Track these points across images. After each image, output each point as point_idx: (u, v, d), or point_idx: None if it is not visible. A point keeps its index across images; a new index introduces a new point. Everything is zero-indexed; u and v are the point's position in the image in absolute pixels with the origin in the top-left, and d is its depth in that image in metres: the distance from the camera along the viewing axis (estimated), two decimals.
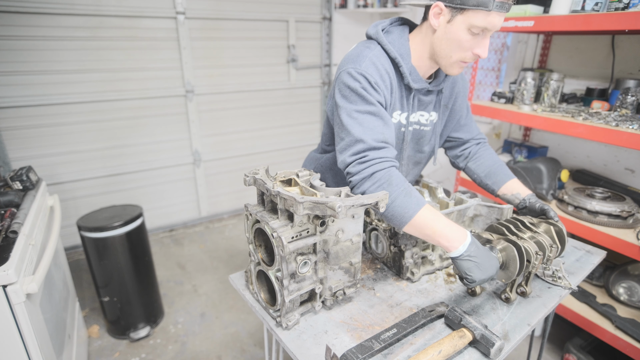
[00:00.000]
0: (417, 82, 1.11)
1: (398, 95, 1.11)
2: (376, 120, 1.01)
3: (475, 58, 1.03)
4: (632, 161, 1.96)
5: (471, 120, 1.36)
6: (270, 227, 0.86)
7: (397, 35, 1.10)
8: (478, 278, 0.90)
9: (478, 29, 0.95)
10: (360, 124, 1.00)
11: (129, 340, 2.09)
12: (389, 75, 1.06)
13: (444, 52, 1.02)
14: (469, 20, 0.94)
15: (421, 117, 1.21)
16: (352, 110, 1.01)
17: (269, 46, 3.26)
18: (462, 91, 1.29)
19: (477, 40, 0.98)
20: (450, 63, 1.04)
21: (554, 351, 2.03)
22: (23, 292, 1.13)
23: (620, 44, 1.93)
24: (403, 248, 1.09)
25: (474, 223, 1.20)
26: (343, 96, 1.04)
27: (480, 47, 1.00)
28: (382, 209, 0.87)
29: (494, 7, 0.91)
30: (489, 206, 1.15)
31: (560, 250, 1.03)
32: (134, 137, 2.91)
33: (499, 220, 1.12)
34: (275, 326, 0.94)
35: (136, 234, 1.95)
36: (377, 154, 0.98)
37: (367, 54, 1.05)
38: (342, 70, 1.04)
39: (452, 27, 0.97)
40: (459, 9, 0.94)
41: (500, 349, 0.84)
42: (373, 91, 1.02)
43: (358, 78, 1.01)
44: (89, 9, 2.49)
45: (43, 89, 2.51)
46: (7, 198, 1.43)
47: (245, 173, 0.96)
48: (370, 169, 0.97)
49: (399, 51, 1.08)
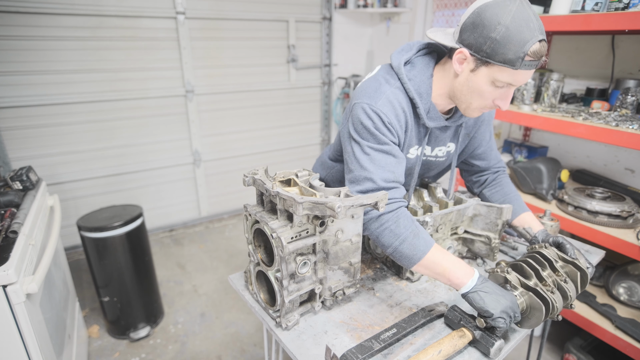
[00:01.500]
0: (433, 121, 1.06)
1: (415, 132, 1.08)
2: (389, 158, 0.99)
3: (495, 107, 0.99)
4: (632, 161, 1.96)
5: (491, 149, 1.30)
6: (269, 228, 0.86)
7: (420, 70, 1.03)
8: (497, 309, 0.84)
9: (502, 84, 0.91)
10: (371, 161, 0.98)
11: (129, 340, 2.09)
12: (405, 115, 1.02)
13: (464, 98, 0.98)
14: (494, 74, 0.89)
15: (439, 151, 1.18)
16: (365, 146, 0.99)
17: (269, 46, 3.26)
18: (487, 119, 1.24)
19: (500, 92, 0.93)
20: (470, 109, 1.00)
21: (554, 351, 2.03)
22: (23, 292, 1.13)
23: (620, 44, 1.93)
24: None
25: (473, 222, 1.20)
26: (356, 131, 1.01)
27: (502, 100, 0.95)
28: (381, 209, 0.86)
29: (521, 65, 0.86)
30: (488, 206, 1.15)
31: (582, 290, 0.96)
32: (134, 137, 2.92)
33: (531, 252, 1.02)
34: (274, 326, 0.94)
35: (136, 234, 1.95)
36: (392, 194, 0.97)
37: (384, 90, 1.01)
38: (357, 103, 1.01)
39: (475, 77, 0.92)
40: (484, 62, 0.89)
41: (499, 349, 0.84)
42: (386, 131, 0.99)
43: (372, 117, 0.98)
44: (89, 9, 2.49)
45: (43, 89, 2.51)
46: (7, 198, 1.43)
47: (244, 173, 0.96)
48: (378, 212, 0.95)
49: (419, 90, 1.02)
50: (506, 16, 0.83)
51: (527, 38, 0.83)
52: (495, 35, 0.84)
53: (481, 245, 1.20)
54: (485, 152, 1.28)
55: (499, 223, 1.14)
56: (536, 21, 0.84)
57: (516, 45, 0.83)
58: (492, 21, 0.84)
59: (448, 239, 1.18)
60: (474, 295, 0.87)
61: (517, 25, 0.83)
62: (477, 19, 0.86)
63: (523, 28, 0.83)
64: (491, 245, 1.16)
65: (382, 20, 3.55)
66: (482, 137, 1.25)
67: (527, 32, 0.83)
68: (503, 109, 0.97)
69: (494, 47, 0.85)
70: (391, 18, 3.43)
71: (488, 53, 0.86)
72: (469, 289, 0.88)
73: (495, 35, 0.84)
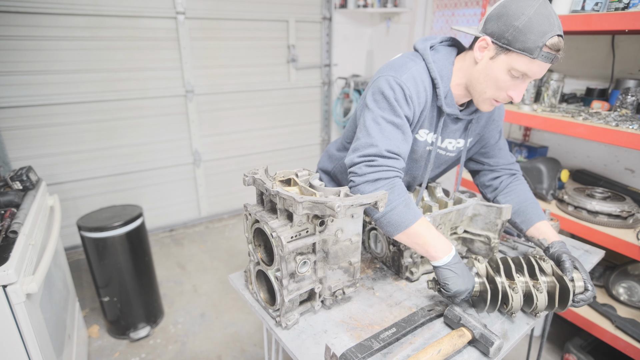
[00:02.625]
0: (450, 107, 1.09)
1: (429, 115, 1.10)
2: (397, 132, 1.02)
3: (508, 100, 1.01)
4: (632, 161, 1.96)
5: (501, 148, 1.29)
6: (269, 227, 0.86)
7: (444, 55, 1.08)
8: (454, 289, 0.92)
9: (518, 73, 0.94)
10: (381, 131, 1.01)
11: (129, 340, 2.09)
12: (426, 93, 1.05)
13: (480, 86, 1.01)
14: (512, 62, 0.93)
15: (449, 144, 1.19)
16: (378, 115, 1.02)
17: (269, 46, 3.26)
18: (497, 119, 1.25)
19: (514, 83, 0.97)
20: (483, 99, 1.03)
21: (554, 351, 2.03)
22: (23, 292, 1.13)
23: (620, 44, 1.93)
24: (402, 248, 1.09)
25: (473, 222, 1.20)
26: (374, 100, 1.04)
27: (516, 91, 0.99)
28: (381, 209, 0.87)
29: (539, 55, 0.90)
30: (488, 205, 1.15)
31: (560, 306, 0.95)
32: (134, 137, 2.92)
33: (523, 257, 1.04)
34: (274, 326, 0.94)
35: (136, 234, 1.96)
36: (386, 162, 0.99)
37: (410, 67, 1.04)
38: (381, 76, 1.04)
39: (494, 65, 0.96)
40: (504, 49, 0.93)
41: (499, 348, 0.84)
42: (405, 104, 1.02)
43: (394, 87, 1.01)
44: (88, 9, 2.49)
45: (43, 89, 2.51)
46: (7, 198, 1.44)
47: (244, 173, 0.96)
48: (376, 175, 0.98)
49: (441, 72, 1.06)
50: (530, 9, 0.89)
51: (547, 30, 0.88)
52: (518, 24, 0.89)
53: (481, 245, 1.20)
54: (493, 149, 1.28)
55: (499, 223, 1.14)
56: (556, 19, 0.90)
57: (536, 35, 0.88)
58: (517, 12, 0.90)
59: (448, 239, 1.18)
60: (444, 271, 0.94)
61: (539, 18, 0.88)
62: (503, 9, 0.92)
63: (544, 21, 0.88)
64: (490, 245, 1.16)
65: (382, 20, 3.55)
66: (490, 135, 1.26)
67: (547, 25, 0.88)
68: (516, 100, 1.00)
69: (515, 34, 0.90)
70: (391, 18, 3.43)
71: (509, 40, 0.91)
72: (443, 263, 0.95)
73: (518, 24, 0.89)
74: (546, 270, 0.98)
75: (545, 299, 0.94)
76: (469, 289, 0.94)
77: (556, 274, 0.97)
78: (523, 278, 0.97)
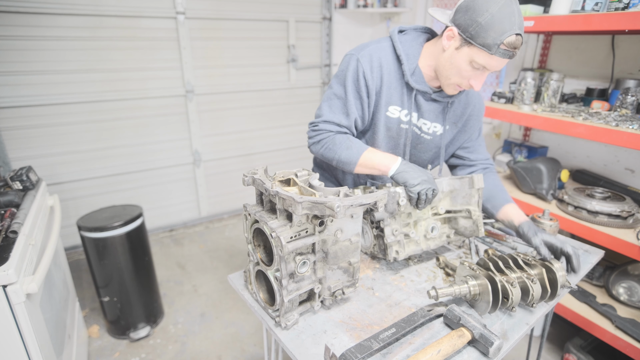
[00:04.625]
0: (418, 84, 1.17)
1: (398, 91, 1.19)
2: (341, 106, 1.18)
3: (469, 88, 1.12)
4: (632, 161, 1.96)
5: (480, 145, 1.38)
6: (269, 227, 0.86)
7: (412, 37, 1.18)
8: (416, 182, 1.05)
9: (478, 65, 1.03)
10: (329, 105, 1.19)
11: (129, 340, 2.09)
12: (380, 69, 1.15)
13: (446, 72, 1.10)
14: (473, 55, 1.01)
15: (423, 124, 1.25)
16: (331, 92, 1.20)
17: (269, 46, 3.26)
18: (475, 114, 1.31)
19: (475, 73, 1.06)
20: (447, 83, 1.13)
21: (554, 351, 2.03)
22: (23, 292, 1.13)
23: (620, 44, 1.93)
24: (382, 225, 1.10)
25: (452, 200, 1.19)
26: (335, 75, 1.21)
27: (477, 80, 1.08)
28: (380, 209, 0.87)
29: (496, 52, 0.98)
30: (460, 178, 1.18)
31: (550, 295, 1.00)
32: (134, 137, 2.92)
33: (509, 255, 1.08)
34: (274, 326, 0.94)
35: (136, 234, 1.96)
36: (326, 127, 1.18)
37: (371, 45, 1.17)
38: (347, 54, 1.19)
39: (458, 55, 1.05)
40: (467, 42, 1.01)
41: (499, 348, 0.84)
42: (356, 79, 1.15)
43: (350, 63, 1.15)
44: (89, 9, 2.49)
45: (43, 89, 2.51)
46: (7, 198, 1.44)
47: (244, 173, 0.96)
48: (318, 137, 1.19)
49: (407, 51, 1.16)
50: (494, 6, 0.95)
51: (507, 29, 0.95)
52: (481, 20, 0.96)
53: (465, 222, 1.20)
54: (474, 146, 1.37)
55: (474, 194, 1.17)
56: (518, 17, 0.96)
57: (496, 33, 0.96)
58: (482, 8, 0.96)
59: (430, 219, 1.18)
60: (399, 175, 1.09)
61: (500, 16, 0.95)
62: (471, 3, 0.99)
63: (505, 20, 0.95)
64: (473, 219, 1.17)
65: (382, 20, 3.55)
66: (471, 132, 1.34)
67: (507, 24, 0.95)
68: (476, 89, 1.09)
69: (478, 30, 0.97)
70: (391, 18, 3.43)
71: (472, 34, 0.99)
72: (395, 170, 1.10)
73: (481, 20, 0.96)
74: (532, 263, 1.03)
75: (540, 290, 0.98)
76: (429, 179, 1.06)
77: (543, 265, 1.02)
78: (515, 273, 1.00)
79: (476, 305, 0.99)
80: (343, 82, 1.17)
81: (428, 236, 1.18)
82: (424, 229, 1.17)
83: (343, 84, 1.17)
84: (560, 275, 1.00)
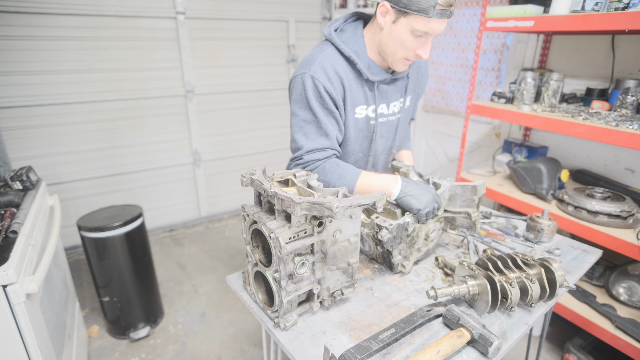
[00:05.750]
0: (376, 75, 1.16)
1: (360, 91, 1.17)
2: (317, 130, 1.14)
3: (418, 57, 1.10)
4: (632, 161, 1.96)
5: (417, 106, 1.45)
6: (267, 228, 0.86)
7: (351, 32, 1.15)
8: (420, 206, 1.05)
9: (420, 32, 1.02)
10: (304, 134, 1.15)
11: (129, 340, 2.09)
12: (338, 76, 1.11)
13: (389, 49, 1.09)
14: (412, 23, 1.01)
15: (394, 107, 1.26)
16: (300, 119, 1.15)
17: (269, 46, 3.26)
18: (424, 75, 1.35)
19: (419, 42, 1.05)
20: (395, 60, 1.11)
21: (554, 351, 2.03)
22: (23, 292, 1.13)
23: (620, 44, 1.93)
24: (390, 248, 1.10)
25: (451, 202, 1.21)
26: (294, 101, 1.15)
27: (422, 49, 1.07)
28: (379, 209, 0.87)
29: (434, 14, 0.98)
30: (462, 185, 1.18)
31: (549, 295, 1.00)
32: (134, 137, 2.92)
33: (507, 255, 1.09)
34: (273, 327, 0.94)
35: (136, 234, 1.96)
36: (310, 157, 1.15)
37: (317, 57, 1.11)
38: (296, 75, 1.13)
39: (397, 28, 1.04)
40: (402, 12, 1.00)
41: (498, 348, 0.84)
42: (319, 97, 1.10)
43: (306, 83, 1.10)
44: (89, 9, 2.49)
45: (43, 89, 2.52)
46: (7, 198, 1.44)
47: (242, 174, 0.96)
48: (309, 169, 1.15)
49: (354, 48, 1.13)
50: None
51: None
52: None
53: (462, 220, 1.22)
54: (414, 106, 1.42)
55: (476, 199, 1.17)
56: None
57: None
58: None
59: (431, 222, 1.19)
60: (402, 200, 1.08)
61: None
62: None
63: None
64: (472, 220, 1.19)
65: None
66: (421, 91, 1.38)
67: None
68: (424, 57, 1.08)
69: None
70: None
71: (405, 3, 0.98)
72: (397, 196, 1.09)
73: None
74: (530, 263, 1.03)
75: (539, 289, 0.98)
76: (433, 196, 1.07)
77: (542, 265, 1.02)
78: (514, 273, 1.00)
79: (475, 305, 0.99)
80: (307, 105, 1.12)
81: (428, 239, 1.20)
82: (424, 234, 1.18)
83: (308, 107, 1.12)
84: (559, 275, 1.00)
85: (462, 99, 3.04)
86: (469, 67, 2.92)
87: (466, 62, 2.96)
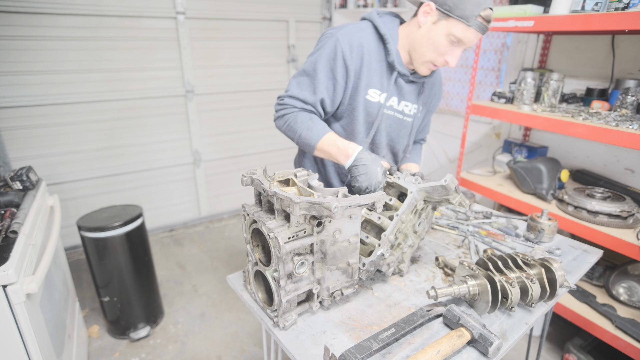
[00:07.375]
0: (400, 66, 1.19)
1: (378, 74, 1.19)
2: (310, 83, 1.16)
3: (444, 64, 1.13)
4: (632, 161, 1.96)
5: (429, 122, 1.48)
6: (267, 228, 0.86)
7: (389, 20, 1.21)
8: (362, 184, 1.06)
9: (455, 39, 1.06)
10: (298, 82, 1.18)
11: (129, 340, 2.09)
12: (361, 49, 1.14)
13: (422, 49, 1.12)
14: (450, 28, 1.05)
15: (405, 107, 1.27)
16: (301, 70, 1.18)
17: (269, 46, 3.26)
18: (437, 93, 1.39)
19: (451, 48, 1.09)
20: (422, 61, 1.15)
21: (554, 351, 2.02)
22: (23, 292, 1.13)
23: (620, 44, 1.93)
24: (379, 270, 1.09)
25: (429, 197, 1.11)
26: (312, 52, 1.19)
27: (452, 56, 1.10)
28: (378, 209, 0.87)
29: (473, 24, 1.03)
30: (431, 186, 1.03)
31: (550, 295, 1.00)
32: (134, 137, 2.92)
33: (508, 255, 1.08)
34: (273, 326, 0.94)
35: (136, 234, 1.96)
36: (290, 102, 1.17)
37: (351, 26, 1.16)
38: (325, 32, 1.19)
39: (435, 29, 1.08)
40: (445, 15, 1.04)
41: (498, 348, 0.84)
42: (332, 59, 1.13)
43: (328, 42, 1.14)
44: (89, 9, 2.49)
45: (43, 89, 2.52)
46: (7, 198, 1.44)
47: (242, 173, 0.96)
48: (282, 112, 1.18)
49: (390, 31, 1.17)
50: None
51: (482, 3, 1.01)
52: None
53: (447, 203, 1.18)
54: (424, 121, 1.44)
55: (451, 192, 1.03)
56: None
57: (472, 5, 1.01)
58: None
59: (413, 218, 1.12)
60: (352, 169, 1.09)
61: None
62: None
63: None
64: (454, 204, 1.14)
65: None
66: (433, 107, 1.40)
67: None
68: (451, 64, 1.11)
69: (456, 2, 1.02)
70: None
71: (450, 7, 1.03)
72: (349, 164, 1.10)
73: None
74: (531, 263, 1.03)
75: (539, 289, 0.98)
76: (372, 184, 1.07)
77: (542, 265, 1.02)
78: (514, 273, 1.00)
79: (475, 305, 0.99)
80: (316, 60, 1.15)
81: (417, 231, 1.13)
82: (411, 230, 1.11)
83: (316, 61, 1.15)
84: (559, 275, 1.00)
85: (462, 99, 3.04)
86: (469, 67, 2.93)
87: (466, 62, 2.96)
